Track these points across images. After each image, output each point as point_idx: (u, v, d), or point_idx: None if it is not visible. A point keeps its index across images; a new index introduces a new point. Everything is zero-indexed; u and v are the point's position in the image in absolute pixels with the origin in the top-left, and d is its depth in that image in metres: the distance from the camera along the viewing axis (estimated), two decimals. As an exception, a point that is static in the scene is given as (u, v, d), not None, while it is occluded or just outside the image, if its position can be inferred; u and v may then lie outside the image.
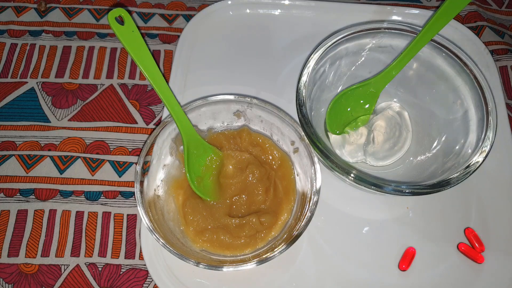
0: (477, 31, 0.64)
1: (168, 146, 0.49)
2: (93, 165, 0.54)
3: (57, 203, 0.51)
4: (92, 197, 0.52)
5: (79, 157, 0.54)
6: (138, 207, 0.43)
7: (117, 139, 0.55)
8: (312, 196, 0.44)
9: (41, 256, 0.49)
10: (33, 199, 0.52)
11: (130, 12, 0.65)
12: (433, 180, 0.43)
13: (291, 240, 0.42)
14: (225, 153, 0.50)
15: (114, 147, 0.55)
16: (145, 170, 0.46)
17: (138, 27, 0.63)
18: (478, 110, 0.45)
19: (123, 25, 0.43)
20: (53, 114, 0.56)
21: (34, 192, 0.52)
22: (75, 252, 0.49)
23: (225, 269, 0.42)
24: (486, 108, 0.44)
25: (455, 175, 0.42)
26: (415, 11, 0.62)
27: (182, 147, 0.48)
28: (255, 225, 0.46)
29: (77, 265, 0.48)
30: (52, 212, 0.51)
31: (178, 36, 0.61)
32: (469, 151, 0.44)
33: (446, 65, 0.48)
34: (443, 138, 0.49)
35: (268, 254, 0.42)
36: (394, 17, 0.62)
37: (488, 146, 0.43)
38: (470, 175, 0.42)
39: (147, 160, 0.46)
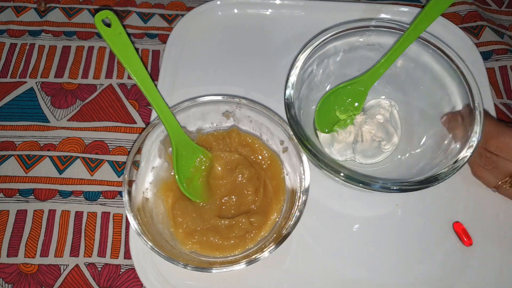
0: (477, 31, 0.64)
1: (157, 148, 0.49)
2: (92, 165, 0.54)
3: (57, 203, 0.51)
4: (91, 197, 0.52)
5: (78, 157, 0.54)
6: (126, 211, 0.43)
7: (116, 139, 0.55)
8: (301, 196, 0.44)
9: (40, 256, 0.49)
10: (33, 199, 0.52)
11: (129, 12, 0.65)
12: (422, 176, 0.43)
13: (280, 240, 0.42)
14: (214, 154, 0.50)
15: (113, 147, 0.55)
16: (132, 174, 0.46)
17: (138, 27, 0.63)
18: (465, 106, 0.45)
19: (110, 27, 0.43)
20: (52, 114, 0.56)
21: (34, 192, 0.52)
22: (74, 252, 0.49)
23: (214, 270, 0.41)
24: (473, 103, 0.44)
25: (443, 170, 0.42)
26: (404, 8, 0.62)
27: (171, 149, 0.48)
28: (244, 225, 0.45)
29: (77, 265, 0.49)
30: (52, 212, 0.51)
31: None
32: (457, 146, 0.44)
33: (434, 62, 0.48)
34: (431, 135, 0.49)
35: (257, 254, 0.42)
36: (384, 15, 0.62)
37: (476, 141, 0.43)
38: (457, 170, 0.42)
39: (135, 161, 0.46)
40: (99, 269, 0.49)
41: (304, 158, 0.45)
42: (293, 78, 0.47)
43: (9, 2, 0.65)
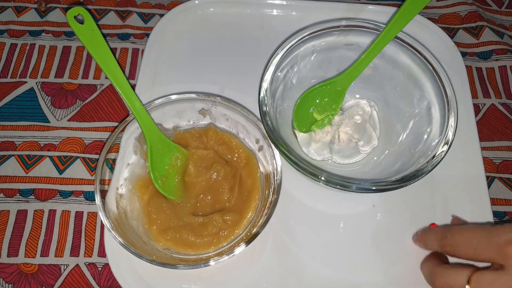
0: (477, 31, 0.64)
1: (132, 145, 0.49)
2: (92, 165, 0.54)
3: (57, 203, 0.51)
4: (91, 197, 0.52)
5: (78, 157, 0.54)
6: (98, 207, 0.43)
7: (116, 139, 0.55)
8: (272, 195, 0.44)
9: (40, 256, 0.49)
10: (33, 199, 0.52)
11: (130, 13, 0.65)
12: (399, 175, 0.43)
13: (250, 238, 0.42)
14: (191, 152, 0.50)
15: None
16: (105, 171, 0.46)
17: (139, 28, 0.63)
18: (440, 106, 0.46)
19: (83, 24, 0.43)
20: (53, 114, 0.57)
21: (34, 192, 0.52)
22: (74, 252, 0.49)
23: (180, 268, 0.41)
24: (446, 98, 0.45)
25: (421, 167, 0.42)
26: (387, 8, 0.62)
27: (146, 146, 0.48)
28: (218, 223, 0.45)
29: (77, 265, 0.49)
30: (52, 212, 0.51)
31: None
32: (434, 143, 0.45)
33: (410, 61, 0.49)
34: (409, 133, 0.49)
35: (226, 253, 0.42)
36: (366, 15, 0.62)
37: (452, 135, 0.43)
38: (435, 167, 0.42)
39: (109, 158, 0.47)
40: (100, 269, 0.49)
41: (277, 157, 0.46)
42: (267, 78, 0.46)
43: (9, 2, 0.65)
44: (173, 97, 0.49)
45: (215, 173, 0.48)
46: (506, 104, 0.59)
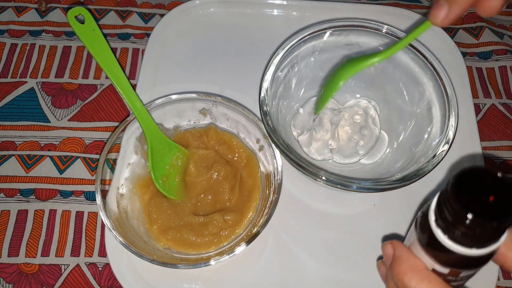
0: (477, 31, 0.64)
1: (133, 145, 0.49)
2: (93, 165, 0.54)
3: (57, 203, 0.51)
4: (92, 197, 0.52)
5: (79, 157, 0.54)
6: (98, 208, 0.43)
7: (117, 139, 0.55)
8: (272, 194, 0.44)
9: (41, 256, 0.49)
10: (33, 199, 0.52)
11: (130, 12, 0.65)
12: (400, 174, 0.43)
13: (250, 238, 0.42)
14: (191, 152, 0.50)
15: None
16: (106, 171, 0.46)
17: (139, 28, 0.63)
18: (441, 105, 0.46)
19: (83, 23, 0.43)
20: (53, 114, 0.57)
21: (34, 192, 0.52)
22: (75, 252, 0.49)
23: (180, 267, 0.41)
24: (447, 97, 0.45)
25: (421, 167, 0.42)
26: (388, 9, 0.62)
27: (147, 146, 0.48)
28: (219, 223, 0.45)
29: (77, 265, 0.49)
30: (52, 212, 0.51)
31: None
32: (435, 142, 0.44)
33: (412, 62, 0.49)
34: (410, 134, 0.49)
35: (227, 252, 0.42)
36: (366, 15, 0.61)
37: (452, 135, 0.43)
38: (435, 166, 0.42)
39: (109, 158, 0.47)
40: (100, 268, 0.49)
41: (278, 157, 0.46)
42: (268, 78, 0.46)
43: (9, 2, 0.65)
44: (174, 97, 0.49)
45: (216, 173, 0.48)
46: (507, 104, 0.59)
